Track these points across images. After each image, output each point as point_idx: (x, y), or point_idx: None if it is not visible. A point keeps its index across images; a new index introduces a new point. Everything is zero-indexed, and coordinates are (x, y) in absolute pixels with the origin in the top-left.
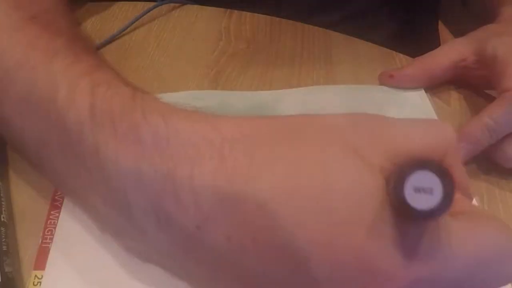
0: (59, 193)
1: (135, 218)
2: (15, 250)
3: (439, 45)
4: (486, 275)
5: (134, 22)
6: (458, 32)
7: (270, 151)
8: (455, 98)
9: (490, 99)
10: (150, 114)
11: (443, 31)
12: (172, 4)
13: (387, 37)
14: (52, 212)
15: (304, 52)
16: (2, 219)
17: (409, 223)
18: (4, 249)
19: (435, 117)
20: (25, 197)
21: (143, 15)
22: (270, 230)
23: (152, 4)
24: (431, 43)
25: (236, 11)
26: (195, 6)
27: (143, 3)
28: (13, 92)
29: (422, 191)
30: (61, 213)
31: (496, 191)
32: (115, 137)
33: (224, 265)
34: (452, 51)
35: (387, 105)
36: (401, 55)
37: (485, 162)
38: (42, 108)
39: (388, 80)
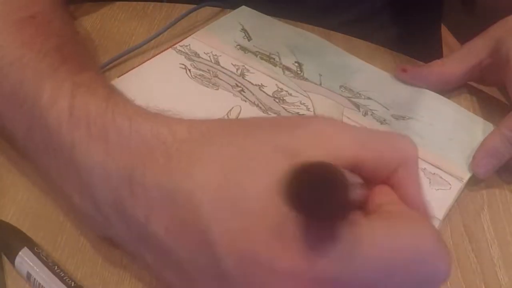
0: None
1: (101, 210)
2: None
3: (441, 48)
4: (404, 277)
5: (174, 24)
6: (460, 34)
7: (208, 152)
8: (467, 100)
9: (501, 104)
10: (119, 116)
11: (445, 33)
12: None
13: (389, 40)
14: None
15: None
16: None
17: (312, 222)
18: None
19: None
20: (25, 197)
21: (181, 18)
22: (194, 223)
23: (192, 6)
24: (434, 46)
25: None
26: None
27: (143, 3)
28: (4, 87)
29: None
30: None
31: (496, 191)
32: (88, 136)
33: (164, 253)
34: (469, 55)
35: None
36: (402, 56)
37: None
38: (28, 104)
39: (400, 74)
